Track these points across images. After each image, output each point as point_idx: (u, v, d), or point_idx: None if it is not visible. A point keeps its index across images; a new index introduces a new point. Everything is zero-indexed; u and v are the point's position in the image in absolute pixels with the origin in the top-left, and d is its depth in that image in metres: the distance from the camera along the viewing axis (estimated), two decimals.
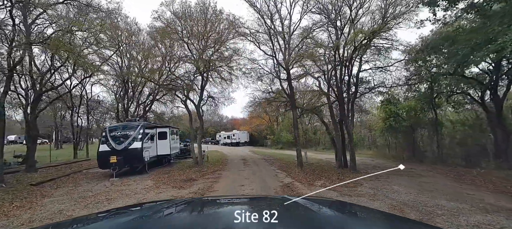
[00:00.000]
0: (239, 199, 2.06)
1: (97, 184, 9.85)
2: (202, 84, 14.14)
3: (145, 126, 12.11)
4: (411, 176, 12.62)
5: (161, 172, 12.19)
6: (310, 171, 12.95)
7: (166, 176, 10.91)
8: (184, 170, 12.47)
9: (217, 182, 9.52)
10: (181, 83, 14.06)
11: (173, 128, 15.91)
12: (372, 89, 15.73)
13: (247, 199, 2.06)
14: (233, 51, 12.55)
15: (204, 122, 61.07)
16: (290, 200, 1.47)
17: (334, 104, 16.38)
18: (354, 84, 14.58)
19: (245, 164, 14.96)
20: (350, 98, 14.38)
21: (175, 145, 15.54)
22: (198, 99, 14.38)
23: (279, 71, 13.37)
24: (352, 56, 13.55)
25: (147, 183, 9.62)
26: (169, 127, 14.35)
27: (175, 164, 15.31)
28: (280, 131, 36.95)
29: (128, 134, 11.52)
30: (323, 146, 33.65)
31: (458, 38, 11.40)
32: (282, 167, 13.61)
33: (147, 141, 12.22)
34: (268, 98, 21.34)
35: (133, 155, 11.22)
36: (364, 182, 10.41)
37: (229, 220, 1.12)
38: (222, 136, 50.55)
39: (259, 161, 17.07)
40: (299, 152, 12.35)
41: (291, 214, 1.26)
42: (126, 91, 19.63)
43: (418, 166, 17.68)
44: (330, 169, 15.09)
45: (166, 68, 15.37)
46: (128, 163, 11.18)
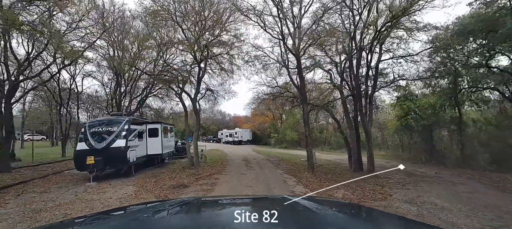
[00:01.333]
0: (238, 199, 2.00)
1: (68, 190, 8.19)
2: (199, 75, 12.39)
3: (131, 121, 10.41)
4: (443, 183, 10.80)
5: (149, 175, 10.48)
6: (323, 175, 11.16)
7: (153, 181, 9.20)
8: (176, 173, 10.76)
9: (213, 190, 7.79)
10: (176, 74, 12.32)
11: (167, 124, 14.19)
12: (392, 83, 13.83)
13: (246, 199, 2.07)
14: (235, 36, 10.74)
15: (206, 119, 59.18)
16: (290, 200, 1.47)
17: (347, 99, 14.56)
18: (373, 76, 12.69)
19: (247, 165, 13.21)
20: (368, 92, 12.51)
21: (169, 143, 13.84)
22: (195, 92, 12.63)
23: (287, 59, 11.56)
24: (372, 43, 11.67)
25: (127, 190, 7.92)
26: (161, 122, 12.62)
27: (169, 165, 13.61)
28: (284, 129, 35.12)
29: (111, 130, 9.83)
30: (330, 146, 31.74)
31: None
32: (290, 170, 11.82)
33: (134, 138, 10.53)
34: (273, 93, 19.57)
35: (115, 155, 9.53)
36: (392, 191, 8.63)
37: (229, 220, 1.13)
38: (224, 134, 48.88)
39: (263, 162, 15.31)
40: (310, 153, 10.56)
41: (291, 214, 1.26)
42: (118, 85, 18.01)
43: (441, 170, 15.81)
44: (344, 172, 13.31)
45: (161, 57, 13.65)
46: (110, 165, 9.52)
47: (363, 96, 12.47)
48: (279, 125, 39.90)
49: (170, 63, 13.74)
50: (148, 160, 12.26)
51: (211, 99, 15.27)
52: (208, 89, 14.42)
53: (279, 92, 19.31)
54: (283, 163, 14.97)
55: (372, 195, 8.02)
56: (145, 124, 12.10)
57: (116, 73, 18.01)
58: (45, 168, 13.67)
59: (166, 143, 13.26)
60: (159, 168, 12.29)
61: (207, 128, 62.41)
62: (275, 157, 18.88)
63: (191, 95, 12.66)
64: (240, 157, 18.61)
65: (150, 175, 10.39)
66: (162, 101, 21.70)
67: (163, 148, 12.31)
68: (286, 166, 13.16)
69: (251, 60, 11.72)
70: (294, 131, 34.07)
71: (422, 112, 18.95)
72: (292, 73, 11.85)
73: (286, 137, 33.72)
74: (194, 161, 12.17)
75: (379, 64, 12.55)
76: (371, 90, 12.43)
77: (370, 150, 12.28)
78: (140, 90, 18.39)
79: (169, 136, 13.82)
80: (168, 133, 13.65)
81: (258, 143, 43.93)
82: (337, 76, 15.41)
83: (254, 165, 13.71)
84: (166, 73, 12.74)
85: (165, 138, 13.09)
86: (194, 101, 12.34)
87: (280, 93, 19.19)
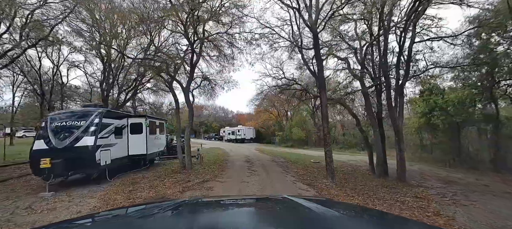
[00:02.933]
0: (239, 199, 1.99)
1: (15, 202, 6.14)
2: (192, 60, 10.20)
3: (103, 114, 8.25)
4: (498, 193, 8.52)
5: (126, 182, 8.37)
6: (345, 183, 8.94)
7: (127, 191, 7.07)
8: (161, 179, 8.63)
9: None
10: (165, 59, 10.14)
11: (154, 118, 12.01)
12: (424, 71, 11.43)
13: (247, 199, 2.01)
14: (235, 5, 8.44)
15: (207, 116, 57.36)
16: (290, 200, 1.47)
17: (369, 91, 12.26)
18: (405, 62, 10.35)
19: (250, 169, 11.02)
20: (399, 81, 10.19)
21: (157, 142, 11.69)
22: (187, 80, 10.45)
23: (301, 38, 9.28)
24: (408, 20, 9.33)
25: (84, 206, 5.79)
26: (146, 116, 10.44)
27: (158, 167, 11.48)
28: (290, 127, 32.81)
29: (77, 125, 7.72)
30: (340, 145, 29.36)
31: None
32: (303, 176, 9.60)
33: (108, 135, 8.41)
34: (279, 85, 17.31)
35: (80, 156, 7.43)
36: (443, 208, 6.42)
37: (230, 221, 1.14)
38: (226, 131, 46.73)
39: (268, 164, 13.11)
40: (329, 156, 8.30)
41: (291, 214, 1.24)
42: (106, 75, 15.95)
43: (476, 175, 13.48)
44: (366, 177, 11.07)
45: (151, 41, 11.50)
46: (72, 169, 7.41)
47: (394, 87, 10.16)
48: (284, 122, 37.61)
49: (161, 49, 11.57)
50: (132, 162, 10.16)
51: (208, 90, 13.05)
52: (204, 78, 12.21)
53: (286, 84, 17.07)
54: (292, 165, 12.74)
55: (423, 213, 5.81)
56: (127, 117, 9.96)
57: (103, 62, 15.96)
58: (13, 169, 11.67)
59: (154, 141, 11.11)
60: (144, 172, 10.17)
61: (209, 125, 60.42)
62: (281, 158, 16.67)
63: (184, 85, 10.46)
64: (242, 157, 16.43)
65: (128, 182, 8.25)
66: (156, 95, 19.59)
67: (148, 147, 10.16)
68: (296, 170, 10.93)
69: (257, 39, 9.49)
70: (301, 128, 31.73)
71: (451, 109, 16.49)
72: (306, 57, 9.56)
73: (293, 135, 31.41)
74: (186, 163, 10.01)
75: (412, 46, 10.17)
76: (402, 80, 10.09)
77: (401, 152, 9.99)
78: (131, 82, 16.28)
79: (157, 132, 11.67)
80: (156, 129, 11.50)
81: (261, 141, 41.75)
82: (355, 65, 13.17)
83: (258, 167, 11.51)
84: (155, 59, 10.57)
85: (152, 135, 10.94)
86: (186, 91, 10.16)
87: (287, 86, 16.95)
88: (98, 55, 15.97)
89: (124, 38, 14.61)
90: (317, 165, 13.81)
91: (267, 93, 21.63)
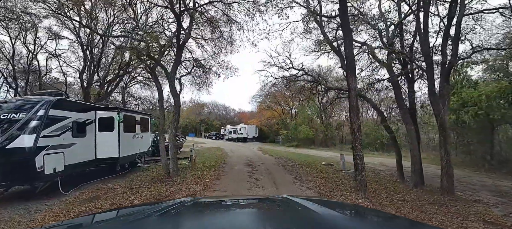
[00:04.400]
0: (238, 199, 1.89)
1: None
2: (178, 38, 7.98)
3: (53, 104, 6.05)
4: None
5: (87, 195, 6.20)
6: (378, 197, 6.70)
7: (78, 211, 4.90)
8: (135, 191, 6.47)
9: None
10: (145, 36, 7.92)
11: (134, 112, 9.80)
12: (473, 53, 9.06)
13: (246, 200, 1.94)
14: None
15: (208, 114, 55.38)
16: (290, 200, 1.46)
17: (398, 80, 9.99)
18: (452, 41, 8.02)
19: (252, 176, 8.81)
20: (445, 64, 7.86)
21: (138, 141, 9.49)
22: (173, 64, 8.25)
23: (319, 4, 7.00)
24: None
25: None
26: (119, 109, 8.19)
27: (136, 173, 9.29)
28: (296, 125, 30.48)
29: (11, 119, 5.55)
30: (351, 144, 26.94)
31: None
32: (322, 187, 7.35)
33: (60, 133, 6.24)
34: (287, 77, 15.10)
35: (11, 161, 5.26)
36: None
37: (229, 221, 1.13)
38: (227, 130, 44.55)
39: (274, 168, 10.89)
40: (360, 163, 6.04)
41: (291, 214, 1.24)
42: (87, 63, 13.86)
43: None
44: (398, 187, 8.84)
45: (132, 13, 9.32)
46: (2, 179, 5.25)
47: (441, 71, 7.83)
48: (289, 120, 35.30)
49: (141, 26, 9.37)
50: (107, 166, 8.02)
51: (201, 77, 10.80)
52: (195, 62, 9.96)
53: (294, 75, 14.82)
54: (303, 170, 10.49)
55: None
56: (94, 110, 7.77)
57: (83, 49, 13.86)
58: None
59: (131, 140, 8.93)
60: (118, 180, 8.00)
61: (210, 123, 58.32)
62: (288, 160, 14.42)
63: (168, 69, 8.24)
64: (243, 159, 14.22)
65: (88, 196, 6.10)
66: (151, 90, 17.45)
67: (122, 149, 7.96)
68: (311, 178, 8.68)
69: (261, 4, 7.19)
70: (309, 126, 29.40)
71: (485, 104, 14.07)
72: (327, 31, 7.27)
73: (299, 134, 29.08)
74: (171, 169, 7.83)
75: (461, 20, 7.83)
76: (453, 61, 7.75)
77: (447, 155, 7.68)
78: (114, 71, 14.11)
79: (138, 130, 9.47)
80: (136, 126, 9.31)
81: (264, 140, 39.53)
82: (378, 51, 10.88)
83: (262, 174, 9.29)
84: (133, 36, 8.36)
85: (129, 132, 8.76)
86: (171, 78, 7.93)
87: (295, 77, 14.70)
88: (77, 40, 13.89)
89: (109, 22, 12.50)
90: (332, 169, 11.58)
91: (272, 86, 19.50)
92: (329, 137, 29.76)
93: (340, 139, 30.89)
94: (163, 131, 8.14)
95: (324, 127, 29.52)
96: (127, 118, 8.58)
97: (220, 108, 65.65)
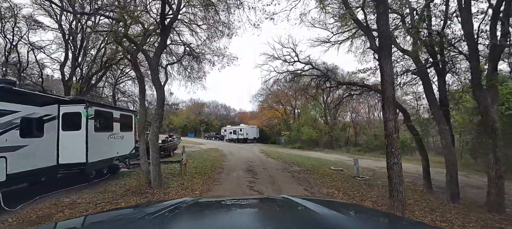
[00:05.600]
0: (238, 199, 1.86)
1: None
2: (163, 15, 6.46)
3: None
4: None
5: (41, 210, 4.70)
6: (414, 215, 5.18)
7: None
8: (102, 208, 4.97)
9: None
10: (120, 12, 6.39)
11: (110, 108, 8.22)
12: None
13: (246, 200, 1.96)
14: None
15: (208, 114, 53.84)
16: (290, 200, 1.46)
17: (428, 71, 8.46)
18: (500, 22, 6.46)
19: (252, 185, 7.28)
20: (494, 50, 6.32)
21: (116, 143, 7.93)
22: (157, 48, 6.75)
23: None
24: None
25: None
26: (87, 102, 6.60)
27: (113, 181, 7.74)
28: (299, 126, 28.91)
29: None
30: (359, 147, 25.30)
31: None
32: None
33: (1, 131, 4.72)
34: (292, 71, 13.61)
35: None
36: None
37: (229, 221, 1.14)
38: (227, 130, 43.00)
39: (279, 175, 9.34)
40: (397, 173, 4.50)
41: (291, 214, 1.24)
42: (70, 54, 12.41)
43: None
44: (427, 199, 7.33)
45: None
46: None
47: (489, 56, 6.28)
48: (291, 121, 33.73)
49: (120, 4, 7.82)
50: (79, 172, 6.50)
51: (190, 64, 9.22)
52: (186, 49, 8.42)
53: (300, 69, 13.32)
54: (312, 177, 8.93)
55: None
56: (57, 103, 6.25)
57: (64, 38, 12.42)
58: None
59: (106, 141, 7.40)
60: (87, 190, 6.48)
61: (210, 123, 56.81)
62: (293, 164, 12.86)
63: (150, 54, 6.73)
64: (243, 163, 12.68)
65: (37, 215, 4.60)
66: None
67: (92, 152, 6.44)
68: (326, 190, 7.10)
69: None
70: (312, 127, 27.82)
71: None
72: None
73: (302, 135, 27.50)
74: (152, 178, 6.30)
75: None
76: (498, 45, 6.21)
77: (497, 162, 6.11)
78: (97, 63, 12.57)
79: (117, 129, 7.94)
80: (114, 124, 7.79)
81: (266, 141, 37.96)
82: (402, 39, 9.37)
83: (265, 183, 7.75)
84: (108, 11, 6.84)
85: (104, 132, 7.25)
86: (154, 64, 6.40)
87: (302, 71, 13.20)
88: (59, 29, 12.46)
89: None
90: (344, 176, 10.02)
91: (275, 82, 17.98)
92: (335, 138, 28.14)
93: (346, 141, 29.28)
94: (144, 130, 6.61)
95: (330, 128, 27.93)
96: (100, 114, 7.06)
97: (220, 108, 64.26)
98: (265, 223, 1.09)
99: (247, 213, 1.34)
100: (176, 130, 56.88)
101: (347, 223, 1.09)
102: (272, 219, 1.17)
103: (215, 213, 1.30)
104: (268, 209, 1.41)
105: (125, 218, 1.22)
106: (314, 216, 1.12)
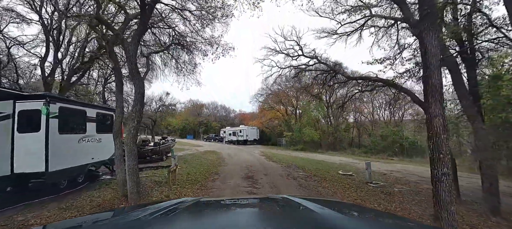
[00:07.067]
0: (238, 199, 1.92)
1: None
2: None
3: None
4: None
5: None
6: None
7: None
8: None
9: None
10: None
11: (82, 105, 6.97)
12: None
13: (247, 200, 1.98)
14: None
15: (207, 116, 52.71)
16: (290, 200, 1.45)
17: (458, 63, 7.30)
18: None
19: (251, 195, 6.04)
20: None
21: (90, 147, 6.71)
22: (135, 32, 5.58)
23: None
24: None
25: None
26: (48, 97, 5.37)
27: (87, 193, 6.52)
28: (301, 127, 27.70)
29: None
30: (364, 149, 24.08)
31: None
32: None
33: None
34: (296, 66, 12.43)
35: None
36: None
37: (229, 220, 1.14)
38: (226, 132, 41.78)
39: (282, 182, 8.16)
40: (447, 186, 3.32)
41: (291, 214, 1.24)
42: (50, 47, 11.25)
43: None
44: (461, 211, 6.16)
45: None
46: None
47: None
48: (293, 121, 32.53)
49: None
50: (36, 184, 5.30)
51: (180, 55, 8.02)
52: (173, 34, 7.22)
53: (305, 64, 12.14)
54: (322, 185, 7.73)
55: None
56: (13, 99, 5.07)
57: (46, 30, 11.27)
58: None
59: (74, 146, 6.20)
60: (55, 203, 5.27)
61: (209, 125, 55.60)
62: (298, 168, 11.66)
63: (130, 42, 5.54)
64: (242, 168, 11.48)
65: None
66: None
67: (52, 158, 5.23)
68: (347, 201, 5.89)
69: None
70: (314, 128, 26.61)
71: None
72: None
73: (304, 136, 26.28)
74: (128, 190, 5.09)
75: None
76: None
77: None
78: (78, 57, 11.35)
79: (91, 130, 6.75)
80: (87, 125, 6.60)
81: (266, 142, 36.74)
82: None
83: (267, 193, 6.55)
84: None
85: (71, 134, 6.07)
86: (131, 51, 5.23)
87: (306, 65, 12.01)
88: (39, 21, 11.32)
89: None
90: (355, 182, 8.83)
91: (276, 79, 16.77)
92: (338, 139, 26.92)
93: (349, 142, 28.06)
94: (118, 133, 5.39)
95: (333, 129, 26.72)
96: (68, 112, 5.87)
97: (220, 109, 63.08)
98: (265, 223, 1.09)
99: (247, 213, 1.35)
100: (174, 132, 55.66)
101: (347, 223, 1.06)
102: (272, 219, 1.17)
103: (215, 213, 1.31)
104: (268, 209, 1.40)
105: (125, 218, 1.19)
106: (314, 216, 1.11)
